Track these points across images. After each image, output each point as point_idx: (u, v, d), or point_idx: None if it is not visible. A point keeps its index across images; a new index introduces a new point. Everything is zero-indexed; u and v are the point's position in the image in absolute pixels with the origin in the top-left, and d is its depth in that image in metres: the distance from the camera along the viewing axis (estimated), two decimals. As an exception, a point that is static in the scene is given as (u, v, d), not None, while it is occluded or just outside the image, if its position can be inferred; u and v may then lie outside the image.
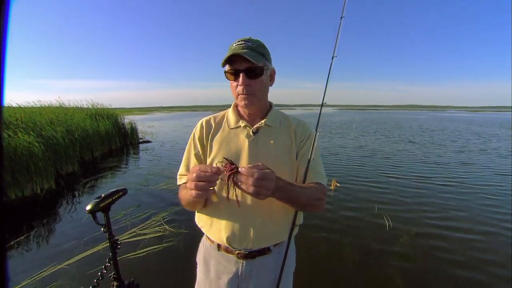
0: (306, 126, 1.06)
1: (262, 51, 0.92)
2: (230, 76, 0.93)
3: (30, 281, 2.39)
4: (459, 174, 6.01)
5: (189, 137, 1.06)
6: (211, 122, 1.05)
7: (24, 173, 4.65)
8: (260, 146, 0.97)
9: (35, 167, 4.83)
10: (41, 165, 4.96)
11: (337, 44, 1.04)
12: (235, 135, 0.99)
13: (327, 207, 4.00)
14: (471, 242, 3.06)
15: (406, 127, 18.90)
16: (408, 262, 2.67)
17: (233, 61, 0.90)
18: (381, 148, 9.48)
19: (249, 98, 0.93)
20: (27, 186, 4.71)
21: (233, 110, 1.05)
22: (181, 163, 1.06)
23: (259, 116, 1.02)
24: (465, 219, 3.65)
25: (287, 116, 1.08)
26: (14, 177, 4.48)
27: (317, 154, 0.99)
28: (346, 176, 5.77)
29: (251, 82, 0.91)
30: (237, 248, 0.95)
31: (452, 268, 2.58)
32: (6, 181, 4.37)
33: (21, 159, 4.65)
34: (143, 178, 5.75)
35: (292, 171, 0.97)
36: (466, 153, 8.69)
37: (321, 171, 0.98)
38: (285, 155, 0.98)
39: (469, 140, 11.94)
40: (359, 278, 2.45)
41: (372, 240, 3.09)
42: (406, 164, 6.96)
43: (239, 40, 0.92)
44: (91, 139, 8.11)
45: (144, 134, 13.35)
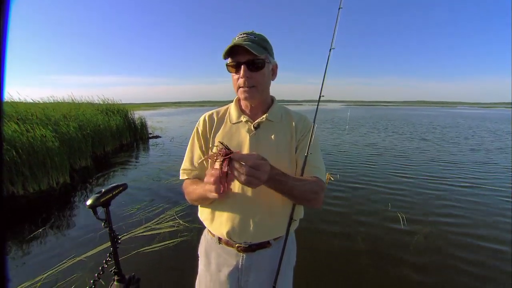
0: (308, 121, 1.06)
1: (264, 45, 0.92)
2: (232, 68, 0.93)
3: (51, 272, 2.46)
4: (475, 174, 5.73)
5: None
6: (213, 117, 1.06)
7: (41, 168, 4.75)
8: (261, 141, 0.97)
9: (51, 162, 4.93)
10: (57, 159, 5.06)
11: (334, 35, 1.02)
12: (236, 130, 1.00)
13: (338, 203, 3.99)
14: (491, 252, 2.83)
15: (417, 124, 18.57)
16: (421, 267, 2.65)
17: (235, 53, 0.90)
18: (393, 146, 9.29)
19: (250, 91, 0.93)
20: (44, 180, 4.82)
21: (235, 104, 1.05)
22: (185, 158, 1.07)
23: (261, 110, 1.03)
24: (484, 225, 3.39)
25: (289, 110, 1.08)
26: (32, 171, 4.59)
27: (316, 148, 0.99)
28: (357, 175, 5.72)
29: (252, 75, 0.91)
30: (237, 241, 0.97)
31: (467, 277, 2.46)
32: (25, 175, 4.48)
33: (38, 153, 4.75)
34: (155, 173, 5.82)
35: (292, 166, 0.98)
36: (482, 152, 8.34)
37: (319, 165, 0.98)
38: (286, 150, 0.98)
39: (484, 138, 11.58)
40: (372, 277, 2.44)
41: (386, 243, 3.07)
42: (419, 163, 6.78)
43: (241, 33, 0.92)
44: (103, 134, 8.22)
45: (154, 129, 13.46)
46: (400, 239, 3.05)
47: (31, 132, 4.96)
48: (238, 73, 0.91)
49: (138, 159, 7.47)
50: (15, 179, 4.39)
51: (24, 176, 4.50)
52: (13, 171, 4.34)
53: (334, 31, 1.02)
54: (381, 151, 8.34)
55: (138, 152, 8.73)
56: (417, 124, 18.80)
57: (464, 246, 2.94)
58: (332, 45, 1.03)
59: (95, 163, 6.90)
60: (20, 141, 4.61)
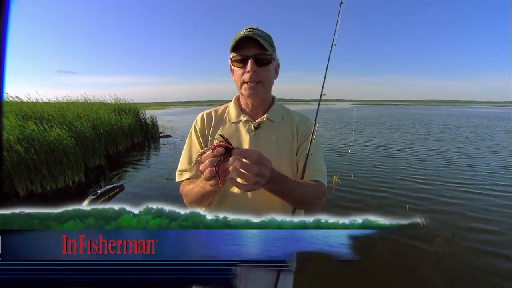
0: (309, 122, 1.02)
1: (270, 41, 0.90)
2: (238, 63, 0.89)
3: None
4: (499, 180, 5.25)
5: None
6: (212, 115, 1.02)
7: (57, 166, 4.85)
8: (261, 141, 0.94)
9: (67, 160, 5.03)
10: (72, 158, 5.15)
11: (336, 31, 0.98)
12: (236, 129, 0.97)
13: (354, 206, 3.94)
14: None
15: (429, 124, 18.17)
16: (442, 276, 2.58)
17: (241, 47, 0.87)
18: (406, 148, 8.87)
19: (255, 86, 0.89)
20: (60, 179, 4.91)
21: (235, 103, 1.02)
22: (181, 158, 1.01)
23: (262, 110, 0.99)
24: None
25: (290, 110, 1.05)
26: (49, 170, 4.68)
27: (317, 150, 0.96)
28: (370, 180, 5.62)
29: (259, 70, 0.87)
30: None
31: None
32: (43, 173, 4.58)
33: (54, 152, 4.85)
34: (167, 172, 5.87)
35: (293, 168, 0.95)
36: (503, 154, 7.87)
37: (321, 168, 0.95)
38: (287, 152, 0.95)
39: (503, 139, 10.99)
40: (392, 280, 2.39)
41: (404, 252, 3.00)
42: (436, 167, 6.37)
43: (247, 28, 0.89)
44: (115, 133, 8.34)
45: (164, 129, 13.58)
46: (418, 247, 2.96)
47: (48, 132, 5.07)
48: (244, 68, 0.88)
49: (149, 158, 7.56)
50: (33, 178, 4.49)
51: (42, 174, 4.60)
52: (31, 170, 4.44)
53: (336, 27, 0.98)
54: (393, 153, 8.05)
55: (150, 151, 8.83)
56: (430, 123, 18.40)
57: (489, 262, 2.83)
58: (334, 41, 0.99)
59: (108, 162, 7.00)
60: (38, 140, 4.71)
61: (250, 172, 0.64)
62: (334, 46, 0.99)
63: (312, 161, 0.93)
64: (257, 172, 0.64)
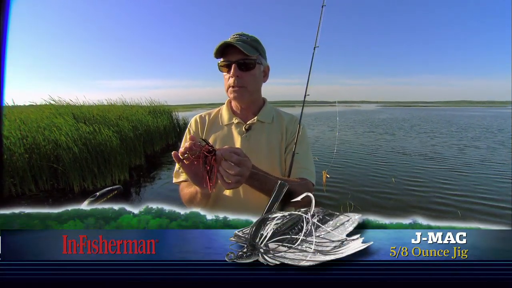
0: (298, 122, 1.05)
1: (256, 46, 0.93)
2: (224, 68, 0.94)
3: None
4: None
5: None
6: (205, 118, 1.07)
7: (106, 165, 5.17)
8: (252, 142, 0.98)
9: (114, 160, 5.34)
10: (119, 158, 5.46)
11: (318, 33, 1.03)
12: (228, 131, 1.02)
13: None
14: None
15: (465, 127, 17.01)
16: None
17: (226, 53, 0.91)
18: (446, 157, 7.91)
19: (239, 91, 0.93)
20: (108, 177, 5.23)
21: (227, 106, 1.06)
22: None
23: (252, 112, 1.03)
24: None
25: (280, 112, 1.09)
26: (99, 169, 5.01)
27: (305, 149, 0.99)
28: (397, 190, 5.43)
29: (242, 75, 0.91)
30: None
31: None
32: (94, 172, 4.90)
33: (104, 152, 5.17)
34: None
35: (282, 168, 0.99)
36: None
37: (308, 166, 0.98)
38: (277, 152, 0.99)
39: None
40: None
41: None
42: (480, 180, 5.57)
43: (234, 34, 0.93)
44: (152, 134, 8.71)
45: (193, 130, 13.88)
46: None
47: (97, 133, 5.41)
48: (229, 73, 0.92)
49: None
50: (86, 176, 4.82)
51: (93, 172, 4.92)
52: (85, 169, 4.77)
53: (318, 29, 1.03)
54: (430, 163, 7.14)
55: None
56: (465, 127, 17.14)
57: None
58: (316, 43, 1.03)
59: (146, 161, 7.32)
60: (90, 140, 5.05)
61: (233, 172, 0.66)
62: (317, 47, 1.04)
63: (299, 160, 0.96)
64: (237, 172, 0.67)
